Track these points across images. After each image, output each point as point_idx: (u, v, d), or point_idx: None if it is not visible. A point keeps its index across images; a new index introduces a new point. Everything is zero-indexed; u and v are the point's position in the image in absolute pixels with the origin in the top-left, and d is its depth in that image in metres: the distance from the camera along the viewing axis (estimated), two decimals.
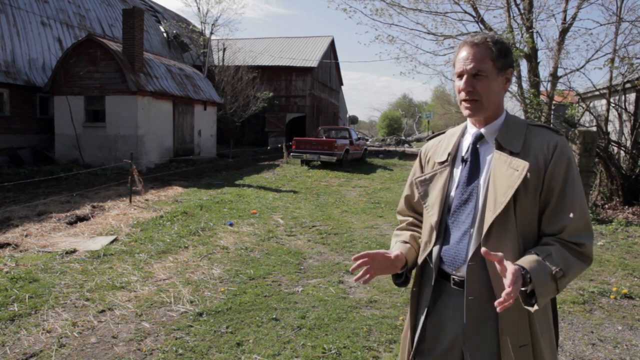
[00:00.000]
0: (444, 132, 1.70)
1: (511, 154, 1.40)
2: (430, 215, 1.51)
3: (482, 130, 1.49)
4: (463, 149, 1.53)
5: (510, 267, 1.20)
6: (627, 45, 9.31)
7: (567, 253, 1.31)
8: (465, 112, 1.47)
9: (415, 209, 1.72)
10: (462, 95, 1.44)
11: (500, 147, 1.43)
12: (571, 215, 1.34)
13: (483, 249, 1.24)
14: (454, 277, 1.45)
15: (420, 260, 1.55)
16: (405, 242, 1.62)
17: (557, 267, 1.26)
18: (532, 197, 1.38)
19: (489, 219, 1.36)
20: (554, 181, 1.37)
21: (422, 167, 1.69)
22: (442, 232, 1.49)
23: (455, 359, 1.47)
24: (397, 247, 1.61)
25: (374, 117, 73.58)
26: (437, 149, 1.63)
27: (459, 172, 1.51)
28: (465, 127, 1.59)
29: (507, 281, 1.18)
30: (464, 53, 1.44)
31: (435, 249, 1.50)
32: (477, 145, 1.49)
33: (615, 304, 4.16)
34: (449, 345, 1.48)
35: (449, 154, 1.54)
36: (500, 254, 1.23)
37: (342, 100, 42.93)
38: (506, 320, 1.36)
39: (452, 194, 1.49)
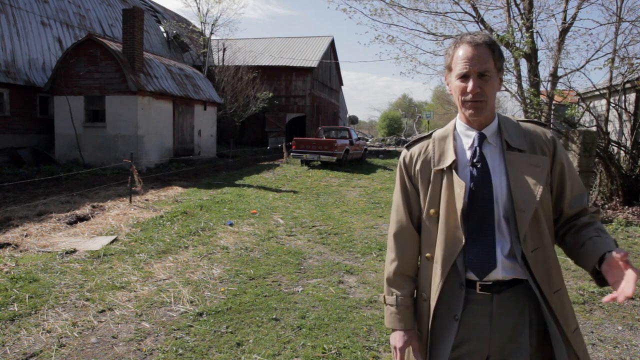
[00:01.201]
0: (427, 136, 1.59)
1: (520, 151, 1.44)
2: (449, 227, 1.44)
3: (484, 131, 1.48)
4: (465, 153, 1.49)
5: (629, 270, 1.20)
6: (627, 45, 9.31)
7: (602, 224, 1.43)
8: (469, 113, 1.43)
9: (417, 225, 1.58)
10: (469, 96, 1.41)
11: (509, 147, 1.45)
12: (581, 194, 1.49)
13: (616, 255, 1.21)
14: (481, 283, 1.41)
15: (444, 277, 1.44)
16: (407, 307, 1.56)
17: (614, 239, 1.36)
18: (546, 190, 1.43)
19: (524, 219, 1.36)
20: (562, 171, 1.47)
21: (409, 177, 1.57)
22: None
23: None
24: (402, 319, 1.55)
25: (374, 117, 73.66)
26: (427, 155, 1.54)
27: (467, 176, 1.45)
28: (454, 129, 1.54)
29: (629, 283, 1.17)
30: (467, 53, 1.40)
31: (460, 260, 1.43)
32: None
33: (615, 304, 4.15)
34: (477, 354, 1.44)
35: (453, 160, 1.47)
36: (621, 251, 1.23)
37: (342, 100, 42.93)
38: (559, 312, 1.40)
39: (466, 200, 1.42)
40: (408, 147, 1.62)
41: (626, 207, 8.41)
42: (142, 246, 5.63)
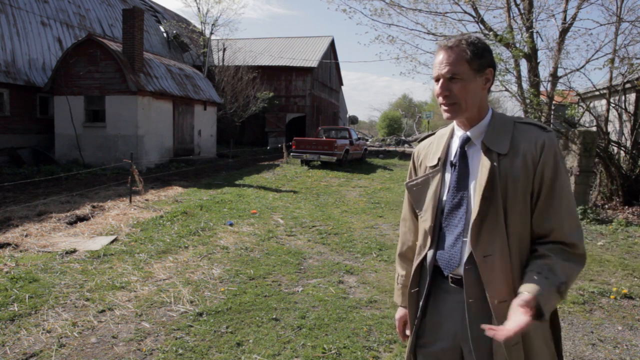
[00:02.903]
0: (433, 133, 1.69)
1: (499, 155, 1.40)
2: (424, 220, 1.54)
3: (469, 132, 1.48)
4: (452, 153, 1.53)
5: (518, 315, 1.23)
6: (627, 45, 9.32)
7: (565, 262, 1.32)
8: (445, 116, 1.47)
9: (417, 215, 1.73)
10: (440, 99, 1.46)
11: (487, 150, 1.42)
12: (560, 215, 1.35)
13: (488, 330, 1.24)
14: (452, 276, 1.47)
15: (415, 264, 1.58)
16: (407, 287, 1.70)
17: (560, 281, 1.29)
18: (522, 199, 1.37)
19: (474, 222, 1.38)
20: (543, 182, 1.37)
21: (415, 171, 1.70)
22: (436, 236, 1.51)
23: (455, 356, 1.49)
24: (401, 295, 1.76)
25: (374, 117, 73.64)
26: (428, 151, 1.63)
27: (449, 175, 1.51)
28: (453, 129, 1.58)
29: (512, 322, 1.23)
30: (439, 57, 1.45)
31: (430, 253, 1.53)
32: (465, 148, 1.49)
33: (615, 304, 4.15)
34: (449, 343, 1.49)
35: (439, 159, 1.55)
36: (507, 330, 1.22)
37: (342, 100, 42.92)
38: (499, 321, 1.36)
39: (444, 198, 1.50)
40: (419, 142, 1.74)
41: (626, 207, 8.41)
42: (142, 246, 5.63)
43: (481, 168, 1.41)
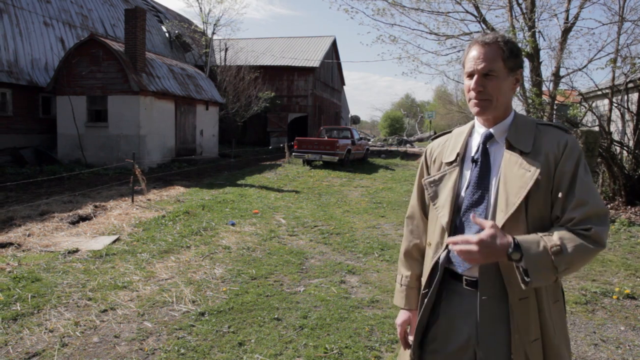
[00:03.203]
0: (449, 132, 1.68)
1: (522, 153, 1.40)
2: (441, 217, 1.50)
3: (492, 129, 1.48)
4: (472, 149, 1.52)
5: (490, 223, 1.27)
6: (630, 44, 9.27)
7: (571, 234, 1.28)
8: (475, 110, 1.46)
9: (426, 212, 1.69)
10: (472, 94, 1.44)
11: (510, 147, 1.42)
12: (578, 207, 1.31)
13: (471, 214, 1.27)
14: (466, 277, 1.45)
15: (432, 263, 1.53)
16: (411, 288, 1.67)
17: (554, 243, 1.25)
18: (544, 197, 1.37)
19: (500, 220, 1.36)
20: (563, 178, 1.36)
21: (427, 167, 1.67)
22: (452, 233, 1.48)
23: (468, 359, 1.47)
24: (404, 297, 1.68)
25: (376, 117, 73.72)
26: (443, 148, 1.61)
27: (468, 172, 1.49)
28: (473, 127, 1.57)
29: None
30: (474, 52, 1.43)
31: (444, 252, 1.49)
32: (487, 145, 1.48)
33: (617, 305, 4.14)
34: (462, 346, 1.46)
35: (457, 154, 1.53)
36: (490, 221, 1.27)
37: (344, 100, 42.91)
38: (518, 319, 1.36)
39: (462, 194, 1.47)
40: (432, 140, 1.72)
41: (629, 207, 8.38)
42: (144, 246, 5.64)
43: (505, 164, 1.40)
